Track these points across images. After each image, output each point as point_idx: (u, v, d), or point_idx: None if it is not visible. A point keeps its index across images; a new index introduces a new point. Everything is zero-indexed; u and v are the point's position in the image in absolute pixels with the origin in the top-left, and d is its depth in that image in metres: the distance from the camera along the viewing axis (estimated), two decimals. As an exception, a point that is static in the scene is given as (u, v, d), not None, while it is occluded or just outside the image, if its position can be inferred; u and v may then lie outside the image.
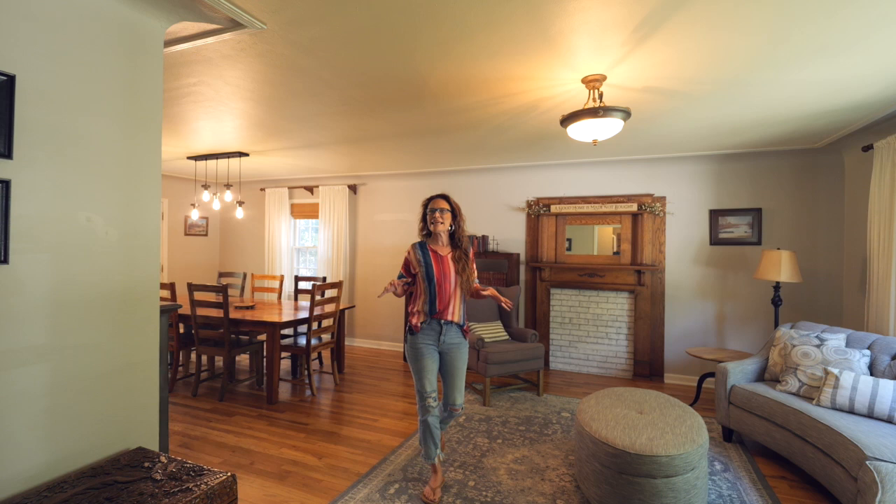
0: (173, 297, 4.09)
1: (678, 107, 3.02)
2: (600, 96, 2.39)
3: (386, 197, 6.00)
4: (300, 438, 3.20)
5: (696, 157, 4.57)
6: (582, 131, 2.49)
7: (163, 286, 4.17)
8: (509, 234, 5.32)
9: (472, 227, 5.39)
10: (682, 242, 4.67)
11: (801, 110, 3.07)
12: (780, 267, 3.69)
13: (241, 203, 4.99)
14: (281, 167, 5.64)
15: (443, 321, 2.44)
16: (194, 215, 5.03)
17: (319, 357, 5.17)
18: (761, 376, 3.28)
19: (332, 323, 4.43)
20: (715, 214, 4.54)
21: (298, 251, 6.79)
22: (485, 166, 5.37)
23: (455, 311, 2.46)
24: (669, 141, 4.02)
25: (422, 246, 2.51)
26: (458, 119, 3.40)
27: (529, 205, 5.20)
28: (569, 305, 5.04)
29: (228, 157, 4.77)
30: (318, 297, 4.14)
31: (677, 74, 2.46)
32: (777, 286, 3.85)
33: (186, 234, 6.70)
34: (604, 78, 2.42)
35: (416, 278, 2.51)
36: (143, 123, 1.70)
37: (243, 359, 5.32)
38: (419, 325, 2.45)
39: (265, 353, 4.30)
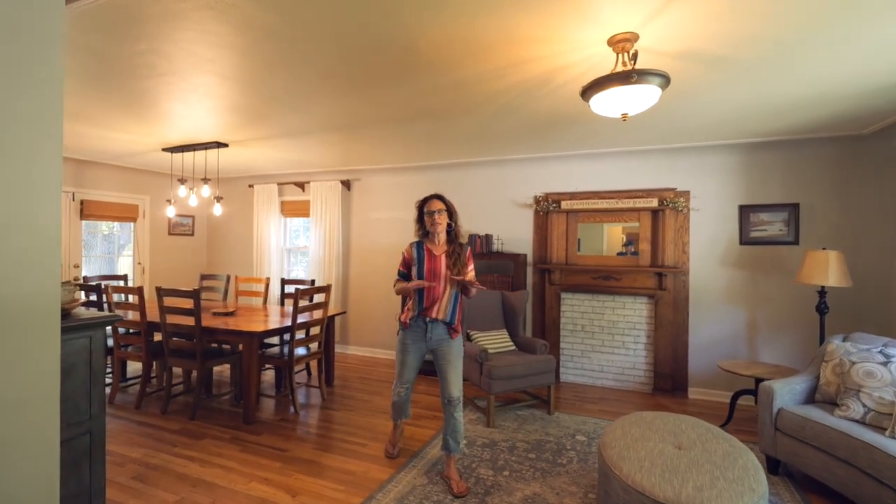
0: (141, 302, 3.66)
1: (718, 80, 2.56)
2: (634, 57, 1.92)
3: (381, 193, 5.55)
4: (274, 469, 2.76)
5: (724, 146, 4.09)
6: (609, 103, 2.02)
7: (130, 290, 3.74)
8: (515, 234, 4.86)
9: (474, 225, 4.93)
10: (708, 242, 4.19)
11: (864, 83, 2.60)
12: (828, 269, 3.21)
13: (219, 199, 4.55)
14: (268, 161, 5.21)
15: (428, 319, 2.58)
16: (170, 212, 4.60)
17: (308, 368, 4.73)
18: (811, 397, 2.81)
19: (318, 331, 3.98)
20: (745, 211, 4.06)
21: (290, 252, 6.35)
22: (488, 158, 4.91)
23: (441, 310, 2.57)
24: (699, 125, 3.55)
25: (419, 245, 2.67)
26: (457, 97, 2.94)
27: (537, 201, 4.74)
28: (581, 311, 4.57)
29: (206, 149, 4.34)
30: (304, 303, 3.70)
31: (724, 32, 2.00)
32: (823, 291, 3.37)
33: (171, 234, 6.28)
34: (636, 37, 1.96)
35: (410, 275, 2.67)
36: (32, 82, 1.25)
37: (226, 369, 4.88)
38: (407, 321, 2.63)
39: (242, 366, 3.86)
